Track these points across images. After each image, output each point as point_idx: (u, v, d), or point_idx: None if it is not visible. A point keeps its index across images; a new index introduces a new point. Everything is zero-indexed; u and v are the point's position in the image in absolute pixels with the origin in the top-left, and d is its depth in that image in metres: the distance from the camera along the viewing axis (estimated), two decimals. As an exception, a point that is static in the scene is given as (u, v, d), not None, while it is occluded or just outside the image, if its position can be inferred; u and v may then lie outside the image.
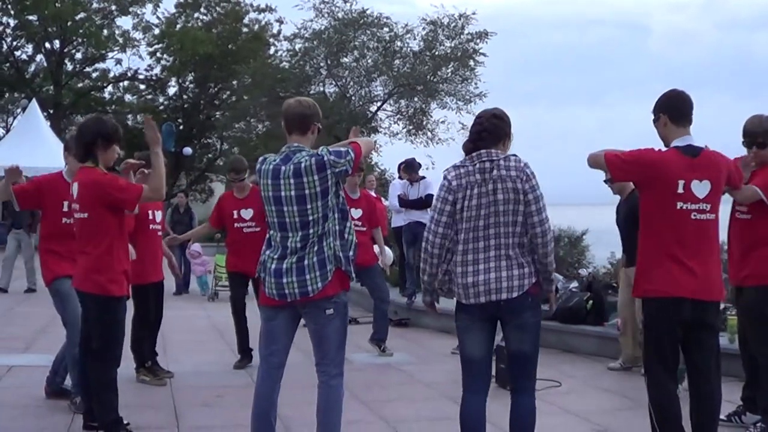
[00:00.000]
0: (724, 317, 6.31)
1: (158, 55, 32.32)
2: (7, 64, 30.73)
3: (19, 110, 28.94)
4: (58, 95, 30.22)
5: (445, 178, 3.89)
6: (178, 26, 32.09)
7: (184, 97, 33.46)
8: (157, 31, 32.02)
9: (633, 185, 5.36)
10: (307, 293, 3.86)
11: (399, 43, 23.52)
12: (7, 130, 28.88)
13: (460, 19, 23.05)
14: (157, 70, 32.82)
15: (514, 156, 3.84)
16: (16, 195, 5.23)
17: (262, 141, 25.02)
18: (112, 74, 32.78)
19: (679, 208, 3.87)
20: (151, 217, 6.32)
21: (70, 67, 31.95)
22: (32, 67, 32.13)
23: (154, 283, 6.48)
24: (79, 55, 32.06)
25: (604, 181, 6.62)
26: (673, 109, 4.03)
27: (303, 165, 3.84)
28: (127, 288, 4.81)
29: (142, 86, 33.48)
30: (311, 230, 3.87)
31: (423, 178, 10.26)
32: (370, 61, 23.55)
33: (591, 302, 8.10)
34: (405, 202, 10.16)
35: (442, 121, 24.37)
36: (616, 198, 6.92)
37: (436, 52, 23.26)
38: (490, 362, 3.96)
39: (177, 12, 32.19)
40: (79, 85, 32.65)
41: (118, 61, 31.84)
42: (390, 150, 35.75)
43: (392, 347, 7.96)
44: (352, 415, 5.02)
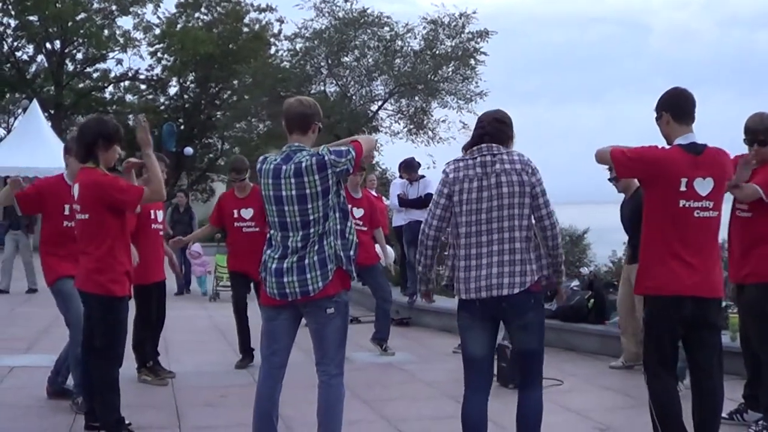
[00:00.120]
0: (725, 315, 6.30)
1: (159, 55, 32.28)
2: (8, 65, 30.67)
3: (20, 111, 28.88)
4: (59, 95, 30.18)
5: (443, 172, 3.91)
6: (179, 26, 32.05)
7: (185, 97, 33.42)
8: (157, 31, 31.97)
9: (638, 183, 5.36)
10: (308, 292, 3.86)
11: (399, 43, 23.53)
12: (8, 131, 28.88)
13: (460, 18, 23.07)
14: (158, 70, 32.83)
15: (517, 151, 3.86)
16: (18, 200, 5.24)
17: (263, 141, 25.06)
18: (112, 74, 32.75)
19: (681, 205, 3.87)
20: (153, 217, 6.30)
21: (70, 67, 31.90)
22: (33, 68, 32.10)
23: (156, 283, 6.47)
24: (79, 56, 32.01)
25: (609, 179, 6.62)
26: (676, 107, 4.02)
27: (304, 164, 3.84)
28: (130, 288, 4.81)
29: (143, 86, 33.44)
30: (312, 230, 3.87)
31: (422, 177, 10.27)
32: (370, 61, 23.55)
33: (592, 301, 8.09)
34: (404, 202, 10.18)
35: (443, 120, 24.43)
36: (619, 196, 6.91)
37: (437, 51, 23.27)
38: (491, 361, 3.96)
39: (178, 12, 32.16)
40: (80, 86, 32.60)
41: (119, 62, 31.86)
42: (391, 149, 35.86)
43: (394, 346, 7.97)
44: (354, 415, 5.03)
